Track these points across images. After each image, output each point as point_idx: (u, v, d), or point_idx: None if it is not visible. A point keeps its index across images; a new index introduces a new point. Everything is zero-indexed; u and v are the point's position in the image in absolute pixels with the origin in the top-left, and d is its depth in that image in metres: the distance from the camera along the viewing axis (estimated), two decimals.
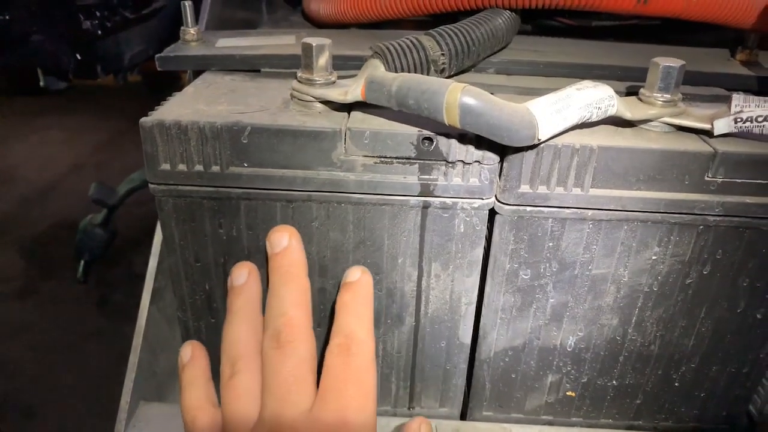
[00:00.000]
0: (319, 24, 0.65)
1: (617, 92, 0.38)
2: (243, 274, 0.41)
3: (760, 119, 0.37)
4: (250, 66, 0.49)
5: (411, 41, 0.42)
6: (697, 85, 0.49)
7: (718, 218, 0.39)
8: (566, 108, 0.35)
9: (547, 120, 0.35)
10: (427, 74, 0.43)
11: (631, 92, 0.42)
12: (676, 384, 0.46)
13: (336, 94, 0.39)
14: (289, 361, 0.36)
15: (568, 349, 0.45)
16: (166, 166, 0.39)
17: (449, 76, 0.45)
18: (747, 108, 0.37)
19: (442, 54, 0.42)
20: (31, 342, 1.46)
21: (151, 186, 0.40)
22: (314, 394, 0.36)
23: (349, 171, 0.38)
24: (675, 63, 0.38)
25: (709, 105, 0.43)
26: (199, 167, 0.38)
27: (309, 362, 0.37)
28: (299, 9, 0.75)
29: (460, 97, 0.33)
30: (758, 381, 0.47)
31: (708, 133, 0.38)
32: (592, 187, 0.38)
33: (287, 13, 0.77)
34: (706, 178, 0.38)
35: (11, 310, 1.57)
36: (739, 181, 0.38)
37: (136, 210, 1.81)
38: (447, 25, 0.45)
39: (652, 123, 0.40)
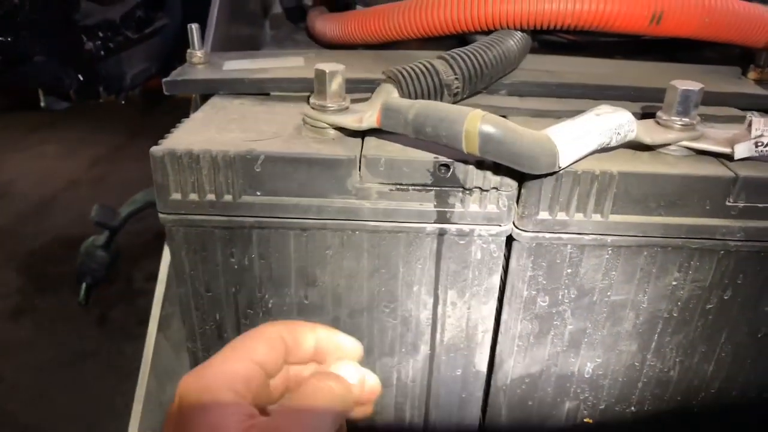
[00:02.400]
0: (325, 44, 0.64)
1: (633, 113, 0.38)
2: None
3: None
4: (259, 90, 0.48)
5: (424, 65, 0.41)
6: (711, 105, 0.48)
7: (739, 243, 0.38)
8: (586, 134, 0.35)
9: (567, 147, 0.34)
10: (441, 98, 0.42)
11: (647, 113, 0.42)
12: (695, 410, 0.46)
13: (350, 121, 0.38)
14: None
15: (586, 376, 0.44)
16: (177, 196, 0.38)
17: (462, 100, 0.44)
18: (767, 132, 0.37)
19: (456, 78, 0.42)
20: (28, 361, 1.44)
21: (161, 216, 0.39)
22: None
23: (365, 199, 0.38)
24: (694, 86, 0.38)
25: (724, 127, 0.43)
26: (210, 196, 0.38)
27: None
28: (302, 26, 0.75)
29: (480, 125, 0.32)
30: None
31: (728, 157, 0.38)
32: (612, 213, 0.37)
33: (290, 31, 0.77)
34: (728, 203, 0.37)
35: (7, 327, 1.54)
36: (761, 205, 0.37)
37: (134, 225, 1.79)
38: (460, 48, 0.44)
39: (670, 147, 0.39)
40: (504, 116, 0.44)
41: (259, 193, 0.38)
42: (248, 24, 0.70)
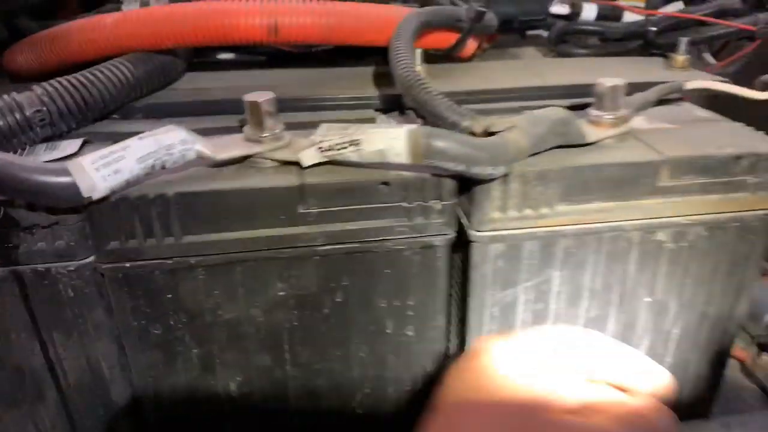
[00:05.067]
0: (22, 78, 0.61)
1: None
2: None
3: (337, 147, 0.37)
4: None
5: (5, 100, 0.39)
6: (355, 109, 0.49)
7: (327, 248, 0.38)
8: (119, 160, 0.34)
9: (95, 176, 0.33)
10: (30, 134, 0.40)
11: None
12: (356, 414, 0.46)
13: None
14: None
15: (234, 396, 0.43)
16: None
17: (71, 131, 0.43)
18: (327, 137, 0.37)
19: (38, 111, 0.40)
20: None
21: None
22: None
23: None
24: (259, 97, 0.38)
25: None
26: None
27: None
28: None
29: None
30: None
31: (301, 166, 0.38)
32: (186, 234, 0.37)
33: None
34: (301, 211, 0.37)
35: None
36: (335, 209, 0.38)
37: None
38: (68, 76, 0.42)
39: (255, 159, 0.39)
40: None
41: None
42: None
